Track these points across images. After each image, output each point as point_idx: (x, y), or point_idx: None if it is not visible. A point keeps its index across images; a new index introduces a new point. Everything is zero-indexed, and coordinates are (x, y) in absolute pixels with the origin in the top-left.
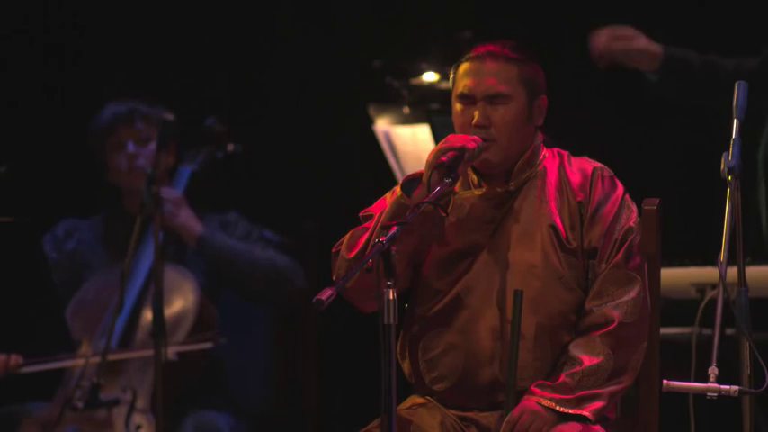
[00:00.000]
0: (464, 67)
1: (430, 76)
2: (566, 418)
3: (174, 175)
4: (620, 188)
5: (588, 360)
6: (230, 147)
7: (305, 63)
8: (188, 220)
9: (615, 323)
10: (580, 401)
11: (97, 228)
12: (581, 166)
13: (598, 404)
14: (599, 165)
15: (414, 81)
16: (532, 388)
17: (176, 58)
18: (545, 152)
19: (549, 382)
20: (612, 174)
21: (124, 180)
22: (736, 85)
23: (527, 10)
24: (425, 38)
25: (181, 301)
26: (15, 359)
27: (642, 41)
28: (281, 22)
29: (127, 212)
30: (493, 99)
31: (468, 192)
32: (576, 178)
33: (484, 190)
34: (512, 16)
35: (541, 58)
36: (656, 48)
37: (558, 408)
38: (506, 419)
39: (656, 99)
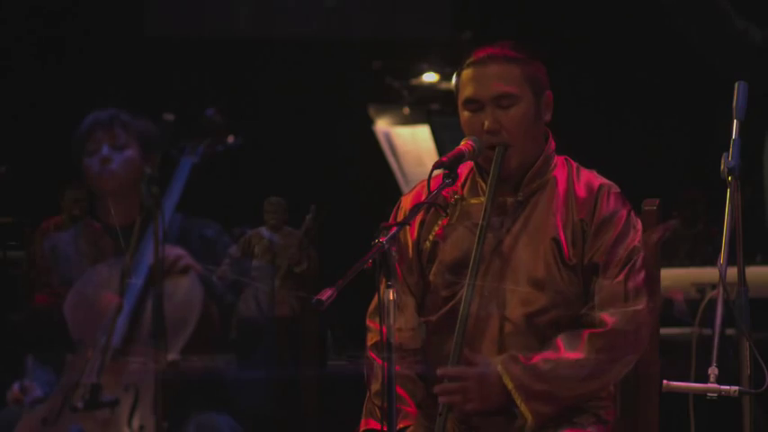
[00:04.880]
0: (467, 73)
1: (430, 77)
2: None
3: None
4: (626, 206)
5: (568, 353)
6: (230, 139)
7: (305, 63)
8: (191, 262)
9: (608, 327)
10: (533, 396)
11: (76, 239)
12: (588, 181)
13: (546, 408)
14: (606, 181)
15: (414, 81)
16: (505, 358)
17: (177, 58)
18: (556, 160)
19: (522, 358)
20: (619, 191)
21: (95, 183)
22: (736, 85)
23: (527, 10)
24: (425, 38)
25: (184, 300)
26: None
27: None
28: (281, 22)
29: (102, 221)
30: (501, 101)
31: (477, 199)
32: (581, 194)
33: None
34: (512, 16)
35: (541, 54)
36: None
37: (512, 393)
38: (458, 370)
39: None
